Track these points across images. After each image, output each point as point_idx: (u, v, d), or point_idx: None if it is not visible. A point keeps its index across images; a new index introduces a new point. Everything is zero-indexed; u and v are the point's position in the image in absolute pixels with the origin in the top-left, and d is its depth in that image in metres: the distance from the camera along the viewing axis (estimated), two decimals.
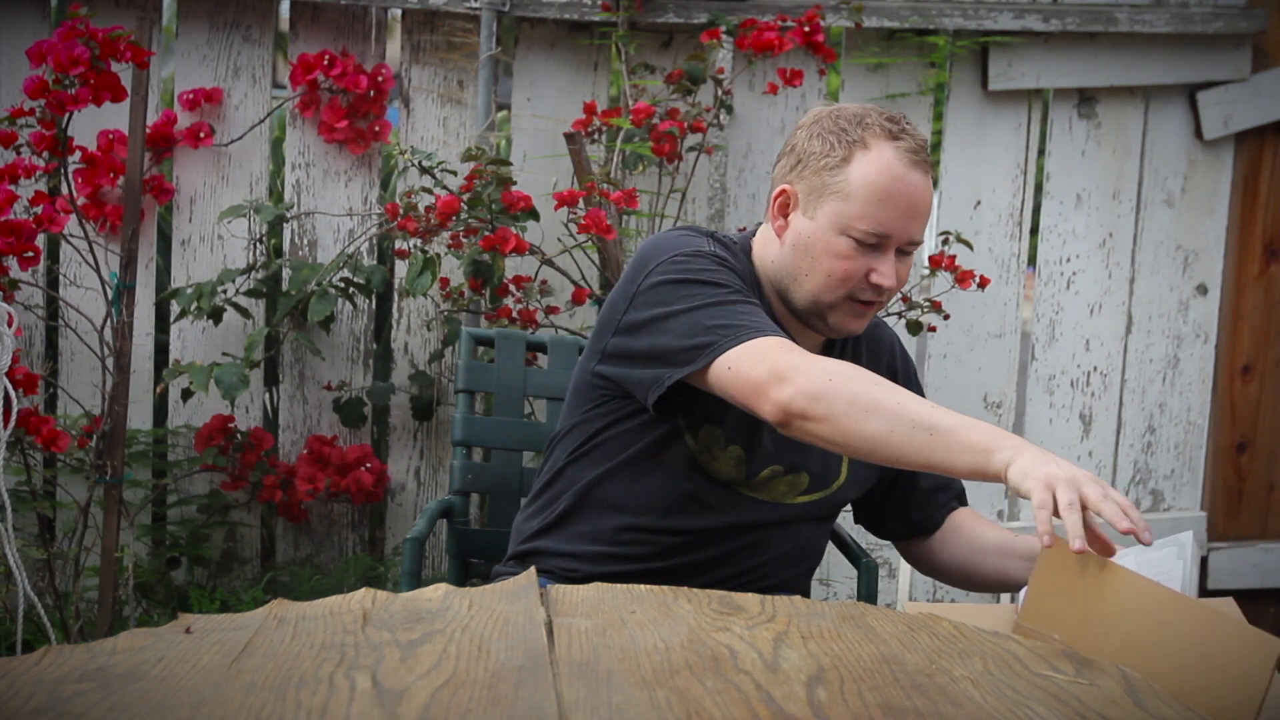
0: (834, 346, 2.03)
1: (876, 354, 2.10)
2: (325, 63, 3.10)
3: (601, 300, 3.02)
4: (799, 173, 1.90)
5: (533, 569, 1.67)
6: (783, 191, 1.92)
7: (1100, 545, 1.61)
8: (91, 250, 2.88)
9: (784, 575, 2.02)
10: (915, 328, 3.04)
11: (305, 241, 3.22)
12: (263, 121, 3.18)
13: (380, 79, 3.13)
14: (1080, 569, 1.52)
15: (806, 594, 2.14)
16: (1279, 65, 3.51)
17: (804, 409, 1.68)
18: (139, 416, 3.15)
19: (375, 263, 3.20)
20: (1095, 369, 3.57)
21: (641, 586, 1.66)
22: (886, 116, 1.88)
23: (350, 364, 3.25)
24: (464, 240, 2.96)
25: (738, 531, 1.96)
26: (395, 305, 3.27)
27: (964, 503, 2.16)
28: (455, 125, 3.26)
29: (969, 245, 3.13)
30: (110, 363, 2.86)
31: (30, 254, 2.70)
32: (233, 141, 3.16)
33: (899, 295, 3.03)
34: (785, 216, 1.92)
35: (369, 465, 3.14)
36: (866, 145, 1.85)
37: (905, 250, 1.89)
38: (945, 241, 3.12)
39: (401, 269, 3.19)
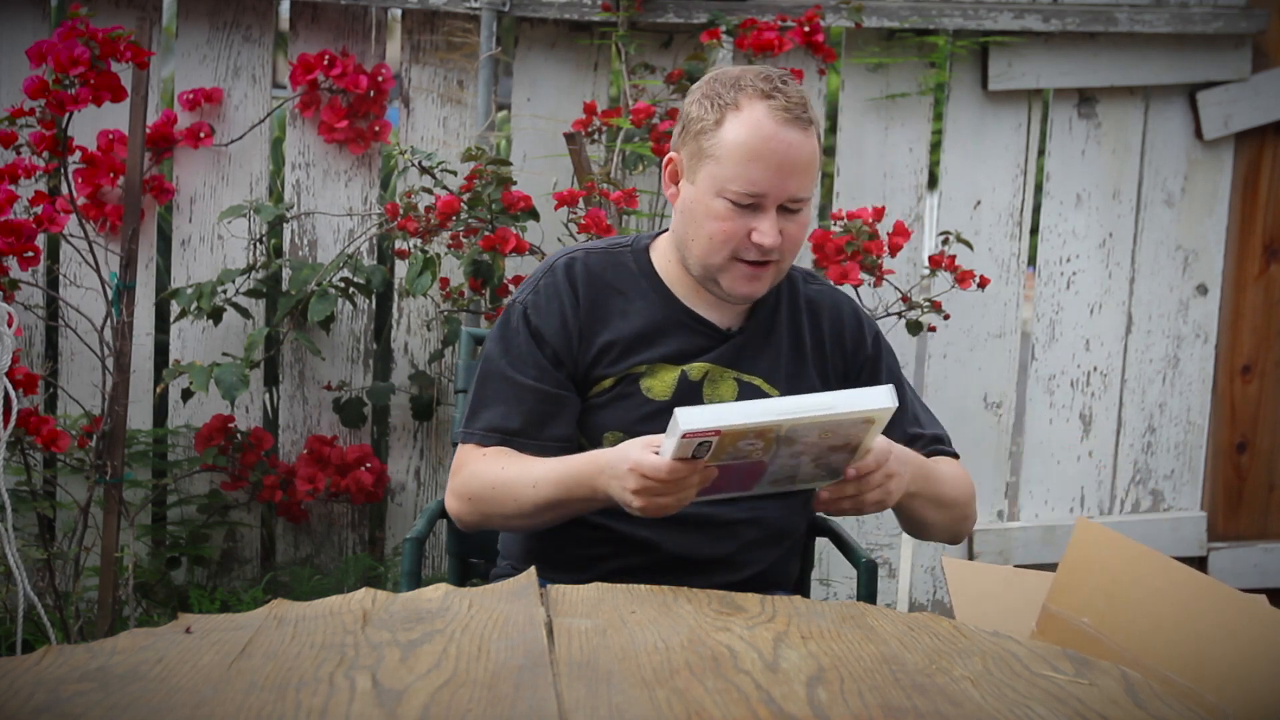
0: (758, 311, 2.01)
1: (817, 319, 2.05)
2: (325, 63, 3.10)
3: None
4: (682, 139, 1.93)
5: (533, 569, 1.67)
6: (670, 160, 1.96)
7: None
8: (91, 250, 2.88)
9: (765, 560, 1.99)
10: (915, 328, 3.04)
11: (305, 241, 3.22)
12: (263, 121, 3.18)
13: (380, 79, 3.13)
14: (1112, 553, 1.53)
15: (795, 574, 2.13)
16: (1279, 65, 3.51)
17: (468, 527, 1.94)
18: (139, 416, 3.15)
19: (375, 263, 3.20)
20: (1095, 369, 3.57)
21: (641, 586, 1.66)
22: (764, 76, 1.88)
23: (350, 364, 3.25)
24: (464, 240, 2.96)
25: (691, 522, 1.92)
26: (395, 305, 3.27)
27: (944, 451, 2.07)
28: (455, 125, 3.26)
29: (969, 245, 3.13)
30: (110, 363, 2.86)
31: (30, 254, 2.70)
32: (233, 141, 3.16)
33: (899, 295, 3.03)
34: (676, 184, 1.95)
35: (369, 465, 3.14)
36: (739, 106, 1.86)
37: (790, 208, 1.88)
38: (945, 241, 3.12)
39: (401, 269, 3.19)
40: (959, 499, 1.98)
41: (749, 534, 1.97)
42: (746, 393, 1.98)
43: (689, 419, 1.60)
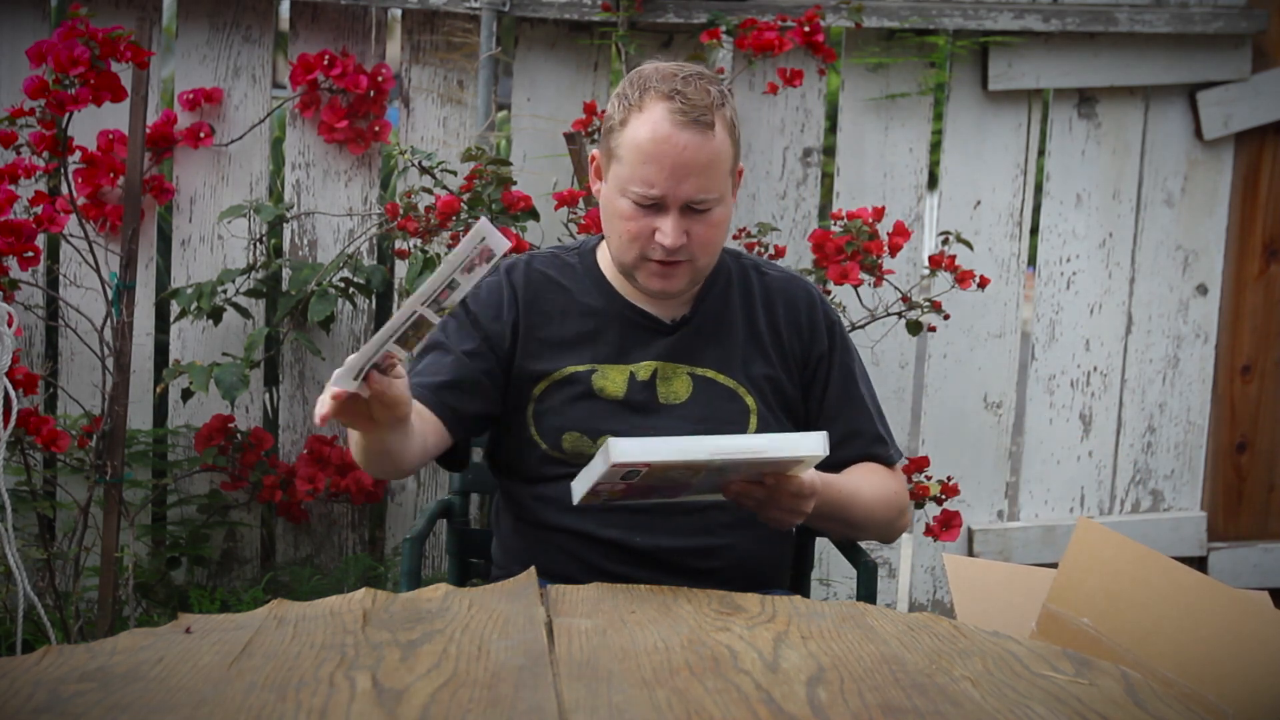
0: (706, 300, 2.03)
1: (772, 307, 2.06)
2: (325, 63, 3.10)
3: None
4: (601, 138, 1.97)
5: (533, 569, 1.68)
6: (593, 157, 2.00)
7: None
8: (91, 250, 2.88)
9: (742, 545, 1.98)
10: (915, 328, 3.04)
11: (305, 241, 3.22)
12: (263, 121, 3.18)
13: (380, 79, 3.13)
14: (1113, 554, 1.53)
15: (786, 563, 2.13)
16: (1279, 65, 3.51)
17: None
18: (139, 416, 3.15)
19: (375, 263, 3.20)
20: (1095, 369, 3.57)
21: (641, 586, 1.66)
22: (669, 76, 1.90)
23: None
24: None
25: (658, 514, 1.93)
26: (395, 305, 3.27)
27: (880, 456, 2.07)
28: (455, 125, 3.26)
29: (969, 245, 3.13)
30: (110, 363, 2.86)
31: (30, 254, 2.70)
32: (233, 141, 3.16)
33: (900, 295, 3.03)
34: (600, 180, 1.99)
35: None
36: (642, 107, 1.89)
37: (696, 208, 1.89)
38: (945, 241, 3.12)
39: (401, 269, 3.19)
40: (873, 517, 2.02)
41: (718, 518, 1.96)
42: (700, 386, 1.99)
43: (620, 451, 1.62)
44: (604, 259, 2.05)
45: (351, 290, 3.09)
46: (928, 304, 3.04)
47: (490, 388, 1.98)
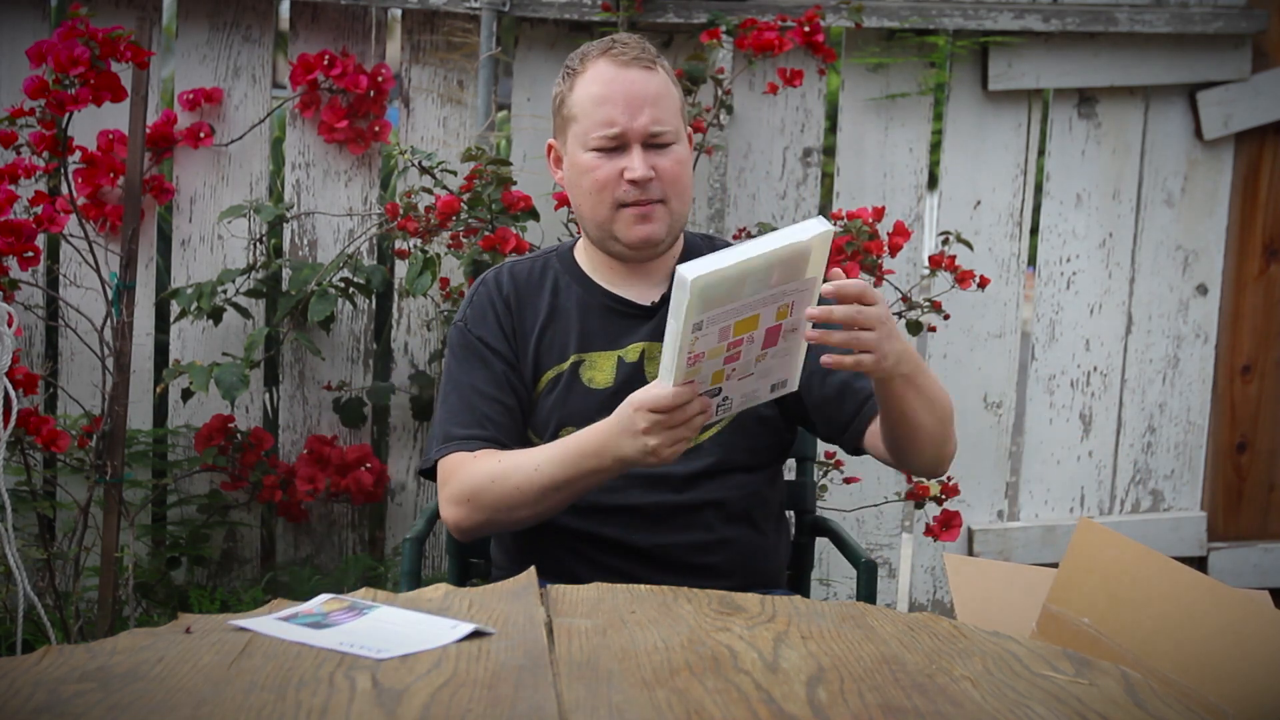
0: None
1: None
2: (325, 63, 3.10)
3: None
4: (554, 121, 2.03)
5: (532, 569, 1.68)
6: (550, 147, 2.05)
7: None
8: (91, 250, 2.88)
9: (738, 541, 1.99)
10: (915, 328, 3.04)
11: (305, 241, 3.22)
12: (263, 121, 3.18)
13: (380, 79, 3.13)
14: (1114, 554, 1.53)
15: (783, 561, 2.13)
16: (1279, 65, 3.51)
17: (468, 531, 1.93)
18: (139, 416, 3.15)
19: (375, 263, 3.20)
20: (1095, 369, 3.57)
21: (641, 586, 1.66)
22: (604, 39, 1.99)
23: (350, 364, 3.25)
24: (464, 240, 2.96)
25: (653, 514, 1.95)
26: (395, 305, 3.27)
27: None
28: (455, 125, 3.26)
29: (969, 245, 3.13)
30: (110, 363, 2.86)
31: (30, 254, 2.70)
32: (233, 141, 3.16)
33: (900, 295, 3.03)
34: (560, 169, 2.04)
35: (369, 465, 3.14)
36: (584, 69, 1.97)
37: (655, 144, 1.94)
38: (945, 241, 3.12)
39: (401, 269, 3.19)
40: (944, 400, 1.87)
41: (711, 516, 1.98)
42: None
43: (683, 272, 1.54)
44: (582, 255, 2.07)
45: (351, 290, 3.09)
46: (928, 304, 3.04)
47: (523, 405, 2.02)
